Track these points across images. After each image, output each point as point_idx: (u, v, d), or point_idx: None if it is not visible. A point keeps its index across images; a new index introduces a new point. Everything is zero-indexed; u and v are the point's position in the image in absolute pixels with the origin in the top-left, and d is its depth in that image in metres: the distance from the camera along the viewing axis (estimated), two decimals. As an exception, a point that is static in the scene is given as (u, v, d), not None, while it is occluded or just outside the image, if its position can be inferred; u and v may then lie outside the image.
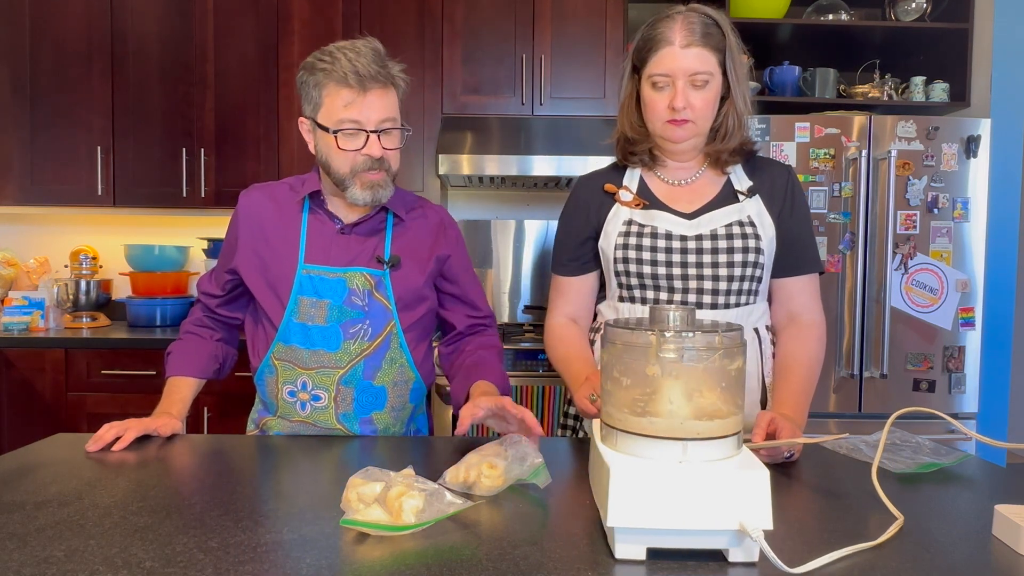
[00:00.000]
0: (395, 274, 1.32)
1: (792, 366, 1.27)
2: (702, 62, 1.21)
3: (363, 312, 1.30)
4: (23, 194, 2.82)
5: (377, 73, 1.21)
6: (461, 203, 3.23)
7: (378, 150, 1.23)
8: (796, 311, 1.33)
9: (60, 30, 2.79)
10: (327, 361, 1.30)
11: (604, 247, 1.34)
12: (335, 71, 1.20)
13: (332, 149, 1.24)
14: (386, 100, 1.24)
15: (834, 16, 2.81)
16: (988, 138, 2.49)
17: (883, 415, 2.46)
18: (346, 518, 0.79)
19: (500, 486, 0.91)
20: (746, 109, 1.28)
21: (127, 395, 2.53)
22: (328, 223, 1.34)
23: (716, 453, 0.74)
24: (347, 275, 1.30)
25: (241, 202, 1.37)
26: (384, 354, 1.32)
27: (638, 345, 0.75)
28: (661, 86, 1.23)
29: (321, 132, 1.25)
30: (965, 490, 0.98)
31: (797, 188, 1.34)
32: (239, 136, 2.82)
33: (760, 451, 1.04)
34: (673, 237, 1.27)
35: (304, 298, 1.29)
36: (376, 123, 1.22)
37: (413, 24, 2.80)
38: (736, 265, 1.26)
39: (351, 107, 1.21)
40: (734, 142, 1.29)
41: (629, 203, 1.32)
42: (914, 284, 2.51)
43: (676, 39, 1.21)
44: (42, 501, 0.89)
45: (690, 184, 1.33)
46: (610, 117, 2.80)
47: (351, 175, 1.25)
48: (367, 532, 0.78)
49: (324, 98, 1.23)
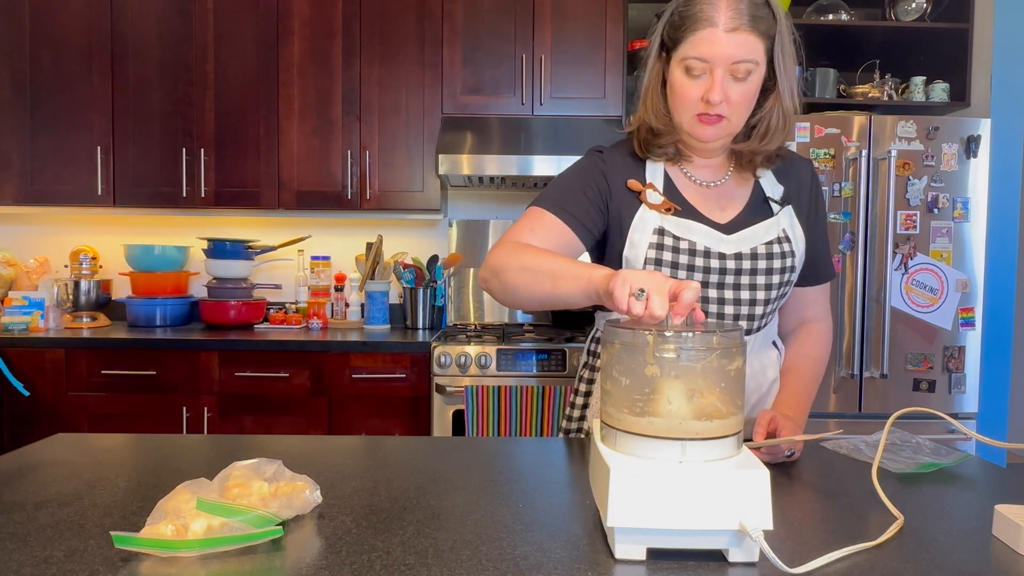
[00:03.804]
0: None
1: (797, 367, 1.26)
2: (748, 49, 1.02)
3: None
4: (23, 194, 2.82)
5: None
6: (461, 203, 3.23)
7: None
8: (808, 318, 1.31)
9: (60, 30, 2.79)
10: None
11: (630, 257, 1.15)
12: None
13: None
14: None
15: (834, 16, 2.82)
16: (988, 138, 2.49)
17: (883, 415, 2.47)
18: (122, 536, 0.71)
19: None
20: (793, 105, 1.11)
21: (127, 395, 2.53)
22: None
23: (716, 453, 0.74)
24: None
25: None
26: None
27: (637, 345, 0.75)
28: (697, 73, 1.05)
29: None
30: (965, 490, 0.98)
31: (819, 188, 1.24)
32: (239, 136, 2.82)
33: (760, 449, 1.04)
34: (711, 255, 1.12)
35: None
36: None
37: (413, 24, 2.80)
38: (773, 287, 1.16)
39: None
40: (775, 144, 1.12)
41: (658, 206, 1.14)
42: (914, 284, 2.51)
43: (720, 20, 1.01)
44: (42, 501, 0.89)
45: (719, 186, 1.18)
46: (610, 117, 2.80)
47: None
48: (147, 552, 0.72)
49: None
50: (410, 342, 2.53)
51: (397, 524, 0.83)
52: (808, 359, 1.27)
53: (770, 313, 1.22)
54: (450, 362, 2.46)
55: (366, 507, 0.89)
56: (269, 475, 0.85)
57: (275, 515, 0.78)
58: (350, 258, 3.14)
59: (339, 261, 3.16)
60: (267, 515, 0.77)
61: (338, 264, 3.15)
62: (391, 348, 2.52)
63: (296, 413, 2.53)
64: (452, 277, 3.13)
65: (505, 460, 1.08)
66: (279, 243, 2.98)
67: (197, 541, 0.71)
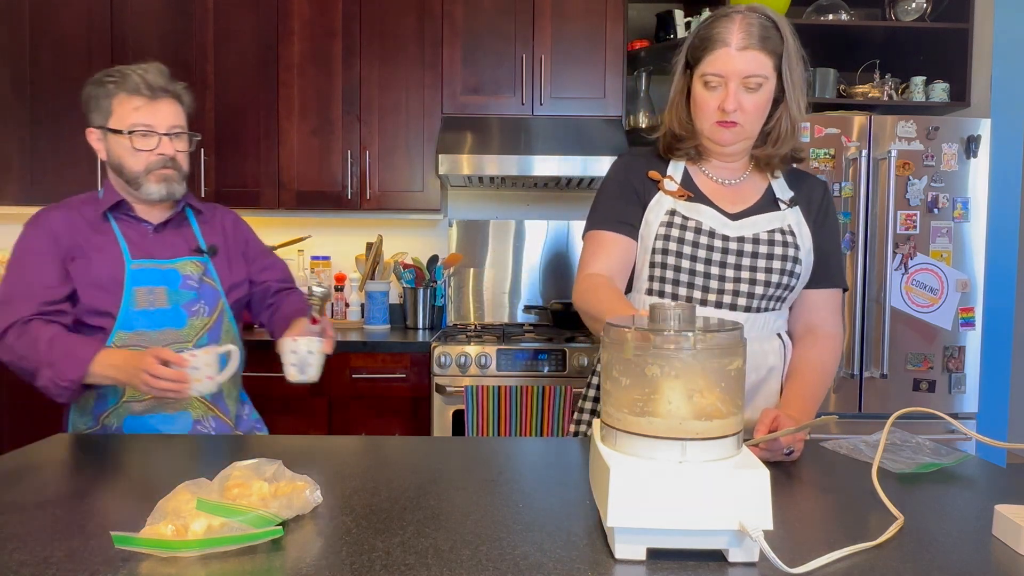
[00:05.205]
0: (217, 261, 1.52)
1: (804, 370, 1.28)
2: (757, 65, 1.18)
3: (197, 293, 1.46)
4: (23, 194, 2.82)
5: (166, 85, 1.40)
6: (461, 203, 3.23)
7: (171, 149, 1.41)
8: (816, 323, 1.33)
9: (60, 30, 2.79)
10: (176, 337, 1.42)
11: (644, 235, 1.30)
12: (126, 83, 1.37)
13: (126, 151, 1.38)
14: (174, 109, 1.42)
15: (834, 16, 2.81)
16: (988, 138, 2.49)
17: (883, 415, 2.46)
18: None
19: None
20: (800, 115, 1.26)
21: (127, 395, 2.53)
22: (139, 226, 1.46)
23: (716, 453, 0.74)
24: (177, 265, 1.46)
25: (47, 219, 1.41)
26: (221, 327, 1.50)
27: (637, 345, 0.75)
28: (713, 86, 1.21)
29: (114, 136, 1.39)
30: (965, 490, 0.98)
31: (831, 204, 1.35)
32: (239, 136, 2.82)
33: (758, 446, 1.04)
34: (716, 235, 1.26)
35: (139, 288, 1.40)
36: (167, 127, 1.40)
37: (413, 24, 2.80)
38: (774, 272, 1.25)
39: (142, 111, 1.37)
40: (786, 148, 1.27)
41: (674, 192, 1.29)
42: (914, 284, 2.51)
43: (732, 40, 1.18)
44: (42, 501, 0.89)
45: (735, 185, 1.31)
46: (610, 117, 2.80)
47: (145, 173, 1.39)
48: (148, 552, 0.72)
49: (115, 107, 1.38)
50: (410, 342, 2.53)
51: (397, 524, 0.83)
52: (815, 363, 1.28)
53: (771, 299, 1.27)
54: (450, 362, 2.46)
55: (366, 507, 0.89)
56: (269, 475, 0.85)
57: (275, 515, 0.78)
58: (350, 258, 3.14)
59: (339, 261, 3.16)
60: (267, 515, 0.77)
61: (338, 264, 3.15)
62: (391, 348, 2.52)
63: (296, 413, 2.53)
64: (452, 277, 3.13)
65: (505, 460, 1.08)
66: (279, 243, 2.98)
67: (197, 541, 0.71)
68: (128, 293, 1.39)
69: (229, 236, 1.59)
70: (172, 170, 1.42)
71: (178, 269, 1.45)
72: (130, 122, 1.37)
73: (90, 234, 1.41)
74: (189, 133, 1.45)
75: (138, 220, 1.46)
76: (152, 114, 1.38)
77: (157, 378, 1.21)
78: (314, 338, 1.37)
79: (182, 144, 1.44)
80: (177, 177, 1.44)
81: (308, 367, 1.35)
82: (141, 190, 1.41)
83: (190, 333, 1.43)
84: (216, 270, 1.52)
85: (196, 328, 1.44)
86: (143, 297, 1.40)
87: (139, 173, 1.39)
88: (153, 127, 1.38)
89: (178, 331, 1.43)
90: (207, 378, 1.27)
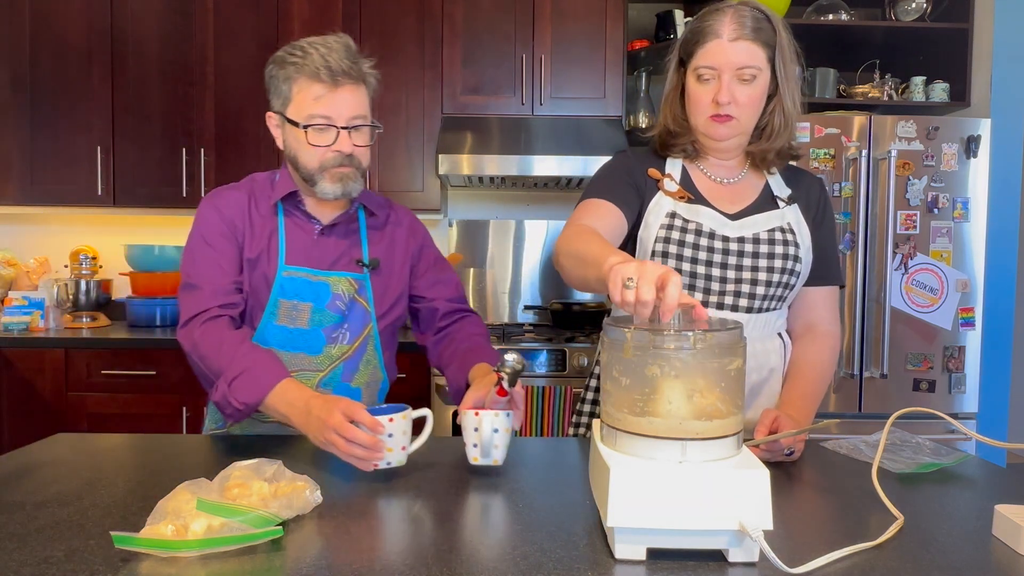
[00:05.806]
0: (375, 277, 1.33)
1: (803, 370, 1.28)
2: (750, 56, 1.17)
3: (343, 316, 1.30)
4: (23, 194, 2.82)
5: (349, 68, 1.20)
6: (461, 203, 3.23)
7: (348, 146, 1.22)
8: (814, 321, 1.33)
9: (60, 30, 2.79)
10: (307, 364, 1.28)
11: (644, 237, 1.28)
12: (307, 65, 1.19)
13: (302, 144, 1.22)
14: (357, 96, 1.23)
15: (834, 16, 2.81)
16: (988, 138, 2.49)
17: (883, 415, 2.46)
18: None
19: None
20: (794, 110, 1.25)
21: (127, 395, 2.53)
22: (307, 224, 1.31)
23: (716, 453, 0.74)
24: (330, 279, 1.29)
25: (226, 202, 1.29)
26: (361, 357, 1.33)
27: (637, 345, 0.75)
28: (707, 79, 1.19)
29: (290, 127, 1.23)
30: (965, 490, 0.98)
31: (828, 201, 1.35)
32: (239, 136, 2.82)
33: (759, 447, 1.04)
34: (716, 237, 1.24)
35: (284, 301, 1.27)
36: (347, 119, 1.21)
37: (413, 24, 2.80)
38: (775, 271, 1.24)
39: (321, 101, 1.20)
40: (780, 142, 1.26)
41: (674, 194, 1.27)
42: (914, 284, 2.51)
43: (724, 32, 1.17)
44: (42, 501, 0.89)
45: (733, 184, 1.30)
46: (610, 117, 2.80)
47: (320, 170, 1.23)
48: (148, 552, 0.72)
49: (294, 93, 1.21)
50: (410, 342, 2.53)
51: (397, 524, 0.83)
52: (814, 362, 1.28)
53: (772, 299, 1.26)
54: (450, 362, 2.45)
55: (366, 507, 0.89)
56: (269, 475, 0.85)
57: (275, 515, 0.78)
58: (350, 258, 3.14)
59: (339, 261, 3.15)
60: (267, 515, 0.77)
61: (338, 264, 3.15)
62: (391, 348, 2.52)
63: (296, 413, 2.53)
64: (452, 277, 3.13)
65: (505, 460, 1.08)
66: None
67: (197, 541, 0.71)
68: (273, 303, 1.26)
69: (399, 246, 1.38)
70: (350, 168, 1.24)
71: (330, 284, 1.29)
72: (308, 113, 1.20)
73: (258, 226, 1.28)
74: (372, 124, 1.26)
75: (307, 217, 1.31)
76: (332, 104, 1.20)
77: (349, 442, 1.00)
78: (500, 413, 1.06)
79: (362, 138, 1.25)
80: (355, 175, 1.26)
81: (493, 449, 1.05)
82: (316, 188, 1.25)
83: (324, 362, 1.29)
84: (372, 287, 1.33)
85: (332, 358, 1.29)
86: (285, 312, 1.27)
87: (313, 170, 1.23)
88: (332, 119, 1.20)
89: (311, 358, 1.28)
90: (400, 448, 1.04)
